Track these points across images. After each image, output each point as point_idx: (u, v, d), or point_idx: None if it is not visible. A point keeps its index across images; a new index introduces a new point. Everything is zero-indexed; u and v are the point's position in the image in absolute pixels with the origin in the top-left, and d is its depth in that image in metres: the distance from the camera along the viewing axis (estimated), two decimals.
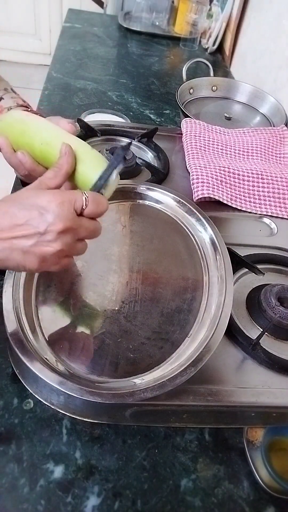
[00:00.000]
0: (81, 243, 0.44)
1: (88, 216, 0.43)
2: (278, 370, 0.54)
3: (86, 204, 0.42)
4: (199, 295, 0.57)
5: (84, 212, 0.42)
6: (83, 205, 0.41)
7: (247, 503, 0.47)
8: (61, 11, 2.53)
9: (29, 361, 0.45)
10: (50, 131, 0.50)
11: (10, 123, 0.53)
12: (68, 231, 0.40)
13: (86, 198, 0.42)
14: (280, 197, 0.80)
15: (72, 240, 0.41)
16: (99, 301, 0.55)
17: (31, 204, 0.40)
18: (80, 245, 0.43)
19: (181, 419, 0.50)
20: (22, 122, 0.52)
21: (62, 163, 0.45)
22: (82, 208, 0.42)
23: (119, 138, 0.87)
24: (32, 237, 0.39)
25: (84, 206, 0.42)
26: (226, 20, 1.40)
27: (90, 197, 0.42)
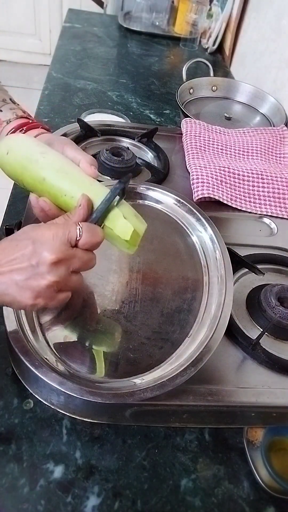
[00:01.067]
0: (76, 276, 0.42)
1: (82, 247, 0.42)
2: (278, 370, 0.54)
3: (80, 235, 0.41)
4: (199, 295, 0.57)
5: (79, 243, 0.41)
6: (77, 236, 0.41)
7: (247, 503, 0.47)
8: (61, 11, 2.53)
9: (29, 361, 0.45)
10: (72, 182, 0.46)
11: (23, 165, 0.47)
12: (61, 263, 0.39)
13: (80, 229, 0.41)
14: (280, 197, 0.80)
15: (66, 271, 0.40)
16: (99, 301, 0.55)
17: (27, 238, 0.40)
18: (75, 278, 0.42)
19: (181, 419, 0.50)
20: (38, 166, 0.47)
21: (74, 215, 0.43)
22: (76, 240, 0.41)
23: (119, 138, 0.87)
24: (25, 269, 0.39)
25: (78, 237, 0.41)
26: (226, 20, 1.40)
27: (84, 228, 0.41)
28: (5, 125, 0.57)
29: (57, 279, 0.39)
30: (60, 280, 0.40)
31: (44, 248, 0.39)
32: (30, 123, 0.57)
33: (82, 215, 0.43)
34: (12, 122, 0.57)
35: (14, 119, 0.57)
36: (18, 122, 0.57)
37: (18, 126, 0.57)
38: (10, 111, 0.59)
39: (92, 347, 0.51)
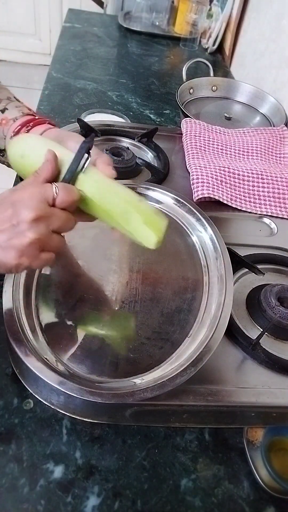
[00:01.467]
0: (58, 236, 0.43)
1: (60, 206, 0.43)
2: (278, 370, 0.54)
3: (57, 193, 0.42)
4: (199, 295, 0.57)
5: (56, 202, 0.42)
6: (53, 194, 0.42)
7: (247, 503, 0.47)
8: (61, 11, 2.53)
9: (29, 361, 0.45)
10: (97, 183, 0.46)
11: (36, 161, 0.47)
12: (40, 220, 0.40)
13: (56, 187, 0.42)
14: (280, 197, 0.80)
15: (46, 229, 0.41)
16: (99, 301, 0.55)
17: (5, 202, 0.41)
18: (56, 237, 0.43)
19: (181, 419, 0.50)
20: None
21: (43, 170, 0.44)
22: (53, 198, 0.42)
23: (119, 138, 0.87)
24: (7, 230, 0.40)
25: (54, 195, 0.42)
26: (226, 20, 1.40)
27: (60, 187, 0.42)
28: (11, 123, 0.57)
29: (38, 236, 0.40)
30: (41, 237, 0.41)
31: (22, 207, 0.40)
32: (36, 119, 0.57)
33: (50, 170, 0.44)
34: (18, 120, 0.57)
35: (20, 117, 0.57)
36: (24, 119, 0.57)
37: (25, 122, 0.56)
38: (16, 109, 0.59)
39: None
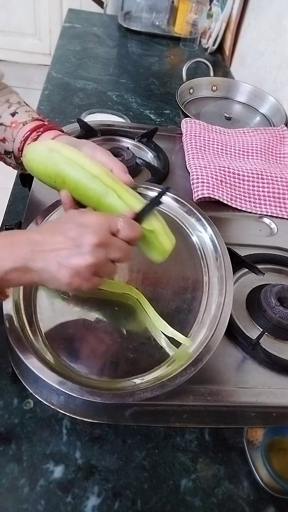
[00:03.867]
0: (112, 264, 0.44)
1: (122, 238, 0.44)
2: (278, 370, 0.54)
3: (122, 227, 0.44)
4: (199, 295, 0.57)
5: (119, 234, 0.44)
6: (119, 227, 0.44)
7: (247, 503, 0.47)
8: (61, 11, 2.53)
9: (29, 361, 0.45)
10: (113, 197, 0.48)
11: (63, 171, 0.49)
12: (101, 246, 0.42)
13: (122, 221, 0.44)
14: (280, 197, 0.80)
15: (104, 256, 0.42)
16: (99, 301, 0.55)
17: (72, 222, 0.43)
18: (111, 265, 0.44)
19: (181, 419, 0.50)
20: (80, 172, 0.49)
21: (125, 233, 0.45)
22: (118, 230, 0.44)
23: (119, 138, 0.87)
24: (69, 249, 0.41)
25: (120, 228, 0.44)
26: (226, 20, 1.40)
27: (125, 221, 0.44)
28: (21, 127, 0.57)
29: (96, 261, 0.41)
30: (98, 263, 0.42)
31: (88, 231, 0.42)
32: (46, 125, 0.58)
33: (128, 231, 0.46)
34: (28, 124, 0.57)
35: (30, 121, 0.58)
36: (34, 124, 0.58)
37: (34, 128, 0.57)
38: (25, 113, 0.59)
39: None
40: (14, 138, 0.58)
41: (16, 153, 0.58)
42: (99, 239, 0.41)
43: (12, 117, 0.58)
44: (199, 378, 0.48)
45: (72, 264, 0.41)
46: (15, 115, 0.59)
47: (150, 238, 0.48)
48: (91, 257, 0.41)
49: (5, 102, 0.60)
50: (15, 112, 0.59)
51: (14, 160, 0.60)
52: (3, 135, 0.58)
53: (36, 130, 0.57)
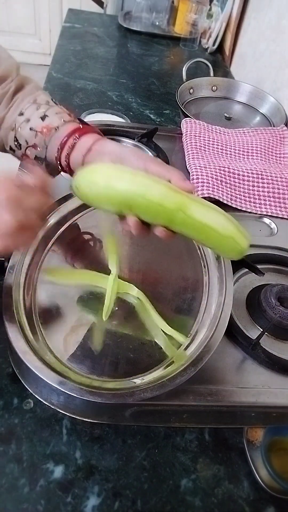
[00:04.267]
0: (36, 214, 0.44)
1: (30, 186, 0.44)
2: (278, 370, 0.54)
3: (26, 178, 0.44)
4: (199, 295, 0.57)
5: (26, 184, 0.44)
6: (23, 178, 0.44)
7: (247, 503, 0.47)
8: (61, 11, 2.53)
9: (29, 361, 0.45)
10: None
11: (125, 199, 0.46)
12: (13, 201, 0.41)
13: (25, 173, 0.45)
14: (280, 197, 0.80)
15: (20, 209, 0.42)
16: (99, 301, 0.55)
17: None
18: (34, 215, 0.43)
19: (181, 419, 0.50)
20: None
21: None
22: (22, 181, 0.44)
23: (119, 138, 0.87)
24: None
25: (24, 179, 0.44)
26: (226, 20, 1.40)
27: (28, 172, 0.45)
28: (54, 132, 0.54)
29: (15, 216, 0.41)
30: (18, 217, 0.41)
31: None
32: (80, 128, 0.54)
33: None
34: (60, 129, 0.54)
35: (62, 125, 0.54)
36: (68, 128, 0.54)
37: (70, 133, 0.53)
38: (56, 116, 0.55)
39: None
40: (46, 145, 0.54)
41: (53, 161, 0.55)
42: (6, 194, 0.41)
43: (43, 121, 0.54)
44: (199, 378, 0.48)
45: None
46: (45, 118, 0.55)
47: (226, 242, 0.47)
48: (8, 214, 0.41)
49: (33, 102, 0.56)
50: (45, 115, 0.55)
51: (45, 167, 0.57)
52: (33, 141, 0.55)
53: (72, 136, 0.53)
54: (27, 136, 0.55)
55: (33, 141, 0.55)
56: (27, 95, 0.57)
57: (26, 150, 0.56)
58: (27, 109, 0.56)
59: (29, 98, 0.57)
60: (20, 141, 0.56)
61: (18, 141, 0.56)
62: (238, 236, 0.47)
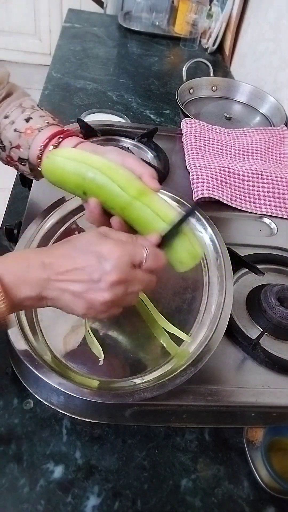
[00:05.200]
0: (132, 295, 0.42)
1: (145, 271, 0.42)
2: (278, 370, 0.54)
3: (146, 259, 0.41)
4: (199, 295, 0.57)
5: (142, 266, 0.42)
6: (143, 260, 0.41)
7: (247, 503, 0.47)
8: (61, 11, 2.53)
9: (29, 361, 0.45)
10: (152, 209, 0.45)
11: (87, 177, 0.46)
12: (121, 283, 0.40)
13: (147, 253, 0.41)
14: (280, 197, 0.80)
15: (123, 292, 0.40)
16: None
17: (92, 250, 0.40)
18: (130, 297, 0.42)
19: (181, 419, 0.50)
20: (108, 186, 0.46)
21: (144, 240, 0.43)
22: (141, 262, 0.41)
23: (119, 138, 0.87)
24: (85, 283, 0.39)
25: (143, 261, 0.41)
26: (226, 20, 1.40)
27: (150, 252, 0.42)
28: (37, 133, 0.54)
29: (114, 298, 0.40)
30: (116, 299, 0.40)
31: (108, 266, 0.39)
32: (65, 131, 0.55)
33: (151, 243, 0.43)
34: (44, 130, 0.55)
35: (46, 127, 0.55)
36: (51, 130, 0.55)
37: (53, 134, 0.54)
38: (41, 119, 0.56)
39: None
40: (29, 145, 0.55)
41: (34, 160, 0.56)
42: (118, 276, 0.39)
43: (27, 122, 0.55)
44: (199, 378, 0.48)
45: (88, 298, 0.39)
46: (29, 120, 0.56)
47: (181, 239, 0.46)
48: (109, 294, 0.39)
49: (18, 106, 0.58)
50: (30, 118, 0.56)
51: (28, 167, 0.57)
52: (17, 141, 0.56)
53: (56, 136, 0.54)
54: (11, 137, 0.56)
55: (17, 142, 0.56)
56: (13, 100, 0.59)
57: (10, 152, 0.57)
58: (13, 112, 0.57)
59: (15, 102, 0.58)
60: (4, 143, 0.57)
61: (3, 142, 0.57)
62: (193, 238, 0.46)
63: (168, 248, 0.45)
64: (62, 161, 0.48)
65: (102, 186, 0.46)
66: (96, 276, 0.39)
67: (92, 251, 0.40)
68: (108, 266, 0.39)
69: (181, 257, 0.46)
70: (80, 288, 0.39)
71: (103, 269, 0.39)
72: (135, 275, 0.41)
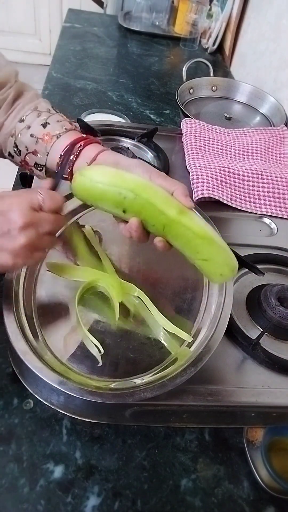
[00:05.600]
0: (48, 236, 0.46)
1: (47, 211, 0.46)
2: (278, 370, 0.54)
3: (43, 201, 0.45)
4: (199, 295, 0.57)
5: (43, 208, 0.45)
6: (39, 201, 0.45)
7: (247, 503, 0.47)
8: (61, 11, 2.53)
9: (29, 361, 0.45)
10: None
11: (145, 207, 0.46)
12: (29, 226, 0.43)
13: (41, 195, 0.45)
14: (280, 197, 0.80)
15: (36, 233, 0.44)
16: (99, 301, 0.55)
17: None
18: (47, 238, 0.46)
19: (181, 419, 0.50)
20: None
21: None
22: (39, 204, 0.45)
23: (119, 138, 0.87)
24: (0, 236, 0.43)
25: (40, 202, 0.45)
26: (226, 20, 1.40)
27: (45, 195, 0.45)
28: (55, 140, 0.54)
29: (28, 240, 0.43)
30: (31, 241, 0.44)
31: (12, 215, 0.43)
32: (84, 138, 0.55)
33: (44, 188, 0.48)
34: (63, 136, 0.54)
35: (64, 133, 0.55)
36: (70, 137, 0.54)
37: (73, 142, 0.54)
38: (58, 124, 0.56)
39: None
40: (48, 151, 0.55)
41: (53, 167, 0.55)
42: (23, 220, 0.43)
43: (44, 128, 0.55)
44: (199, 378, 0.48)
45: (8, 249, 0.43)
46: (46, 126, 0.55)
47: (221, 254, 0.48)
48: (23, 237, 0.43)
49: (34, 109, 0.57)
50: (47, 123, 0.55)
51: (44, 172, 0.57)
52: (34, 147, 0.55)
53: (77, 144, 0.53)
54: (28, 142, 0.55)
55: (33, 148, 0.55)
56: (27, 102, 0.58)
57: (26, 157, 0.57)
58: (28, 116, 0.56)
59: (30, 105, 0.57)
60: (20, 147, 0.56)
61: (18, 147, 0.57)
62: (231, 253, 0.49)
63: (207, 262, 0.48)
64: (89, 183, 0.48)
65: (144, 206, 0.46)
66: (6, 228, 0.43)
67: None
68: (12, 215, 0.43)
69: (222, 270, 0.48)
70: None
71: (9, 220, 0.43)
72: (39, 216, 0.45)
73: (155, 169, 0.51)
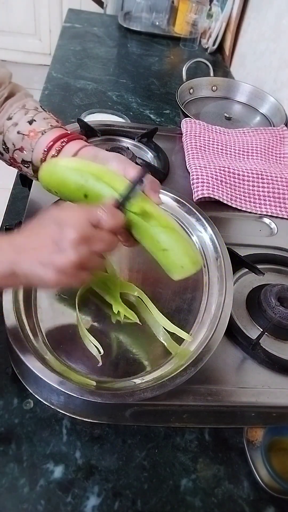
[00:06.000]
0: (98, 257, 0.43)
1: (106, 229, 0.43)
2: (278, 370, 0.54)
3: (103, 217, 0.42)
4: (199, 295, 0.57)
5: (101, 225, 0.42)
6: (100, 217, 0.42)
7: (247, 503, 0.47)
8: (61, 11, 2.53)
9: (29, 361, 0.45)
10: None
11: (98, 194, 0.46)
12: (83, 241, 0.40)
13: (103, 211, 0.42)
14: (280, 197, 0.80)
15: (87, 251, 0.41)
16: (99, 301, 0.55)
17: (50, 219, 0.42)
18: (96, 258, 0.43)
19: (181, 419, 0.50)
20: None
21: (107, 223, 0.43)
22: (98, 221, 0.42)
23: (119, 138, 0.87)
24: (49, 247, 0.40)
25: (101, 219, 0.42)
26: (226, 20, 1.40)
27: (106, 210, 0.42)
28: (40, 136, 0.54)
29: (79, 257, 0.40)
30: (82, 258, 0.40)
31: (67, 226, 0.40)
32: (69, 134, 0.55)
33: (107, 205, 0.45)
34: (48, 133, 0.55)
35: (49, 130, 0.55)
36: (55, 133, 0.55)
37: (57, 138, 0.54)
38: (44, 121, 0.56)
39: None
40: (33, 148, 0.55)
41: (38, 163, 0.56)
42: (78, 234, 0.40)
43: (30, 125, 0.55)
44: (199, 378, 0.48)
45: (55, 263, 0.40)
46: (32, 123, 0.55)
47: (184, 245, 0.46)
48: (73, 253, 0.40)
49: (21, 107, 0.57)
50: (33, 120, 0.56)
51: (32, 169, 0.57)
52: (20, 144, 0.55)
53: (60, 140, 0.54)
54: (14, 139, 0.56)
55: (20, 144, 0.56)
56: (16, 101, 0.58)
57: (14, 153, 0.57)
58: (16, 114, 0.57)
59: (18, 103, 0.58)
60: (7, 144, 0.57)
61: (6, 144, 0.57)
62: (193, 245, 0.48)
63: (167, 252, 0.45)
64: (61, 168, 0.48)
65: (104, 190, 0.46)
66: (57, 238, 0.40)
67: (52, 220, 0.42)
68: (67, 226, 0.40)
69: (182, 261, 0.45)
70: (46, 253, 0.40)
71: (62, 231, 0.40)
72: (95, 233, 0.42)
73: (132, 162, 0.50)
